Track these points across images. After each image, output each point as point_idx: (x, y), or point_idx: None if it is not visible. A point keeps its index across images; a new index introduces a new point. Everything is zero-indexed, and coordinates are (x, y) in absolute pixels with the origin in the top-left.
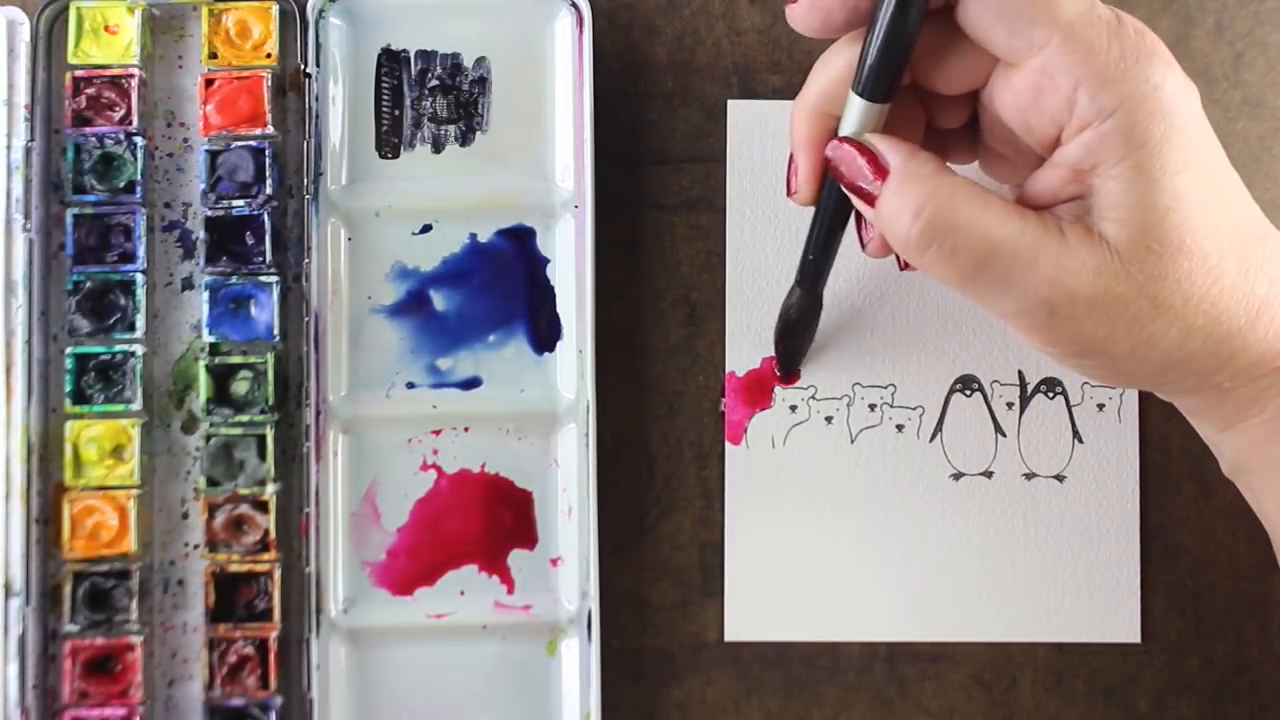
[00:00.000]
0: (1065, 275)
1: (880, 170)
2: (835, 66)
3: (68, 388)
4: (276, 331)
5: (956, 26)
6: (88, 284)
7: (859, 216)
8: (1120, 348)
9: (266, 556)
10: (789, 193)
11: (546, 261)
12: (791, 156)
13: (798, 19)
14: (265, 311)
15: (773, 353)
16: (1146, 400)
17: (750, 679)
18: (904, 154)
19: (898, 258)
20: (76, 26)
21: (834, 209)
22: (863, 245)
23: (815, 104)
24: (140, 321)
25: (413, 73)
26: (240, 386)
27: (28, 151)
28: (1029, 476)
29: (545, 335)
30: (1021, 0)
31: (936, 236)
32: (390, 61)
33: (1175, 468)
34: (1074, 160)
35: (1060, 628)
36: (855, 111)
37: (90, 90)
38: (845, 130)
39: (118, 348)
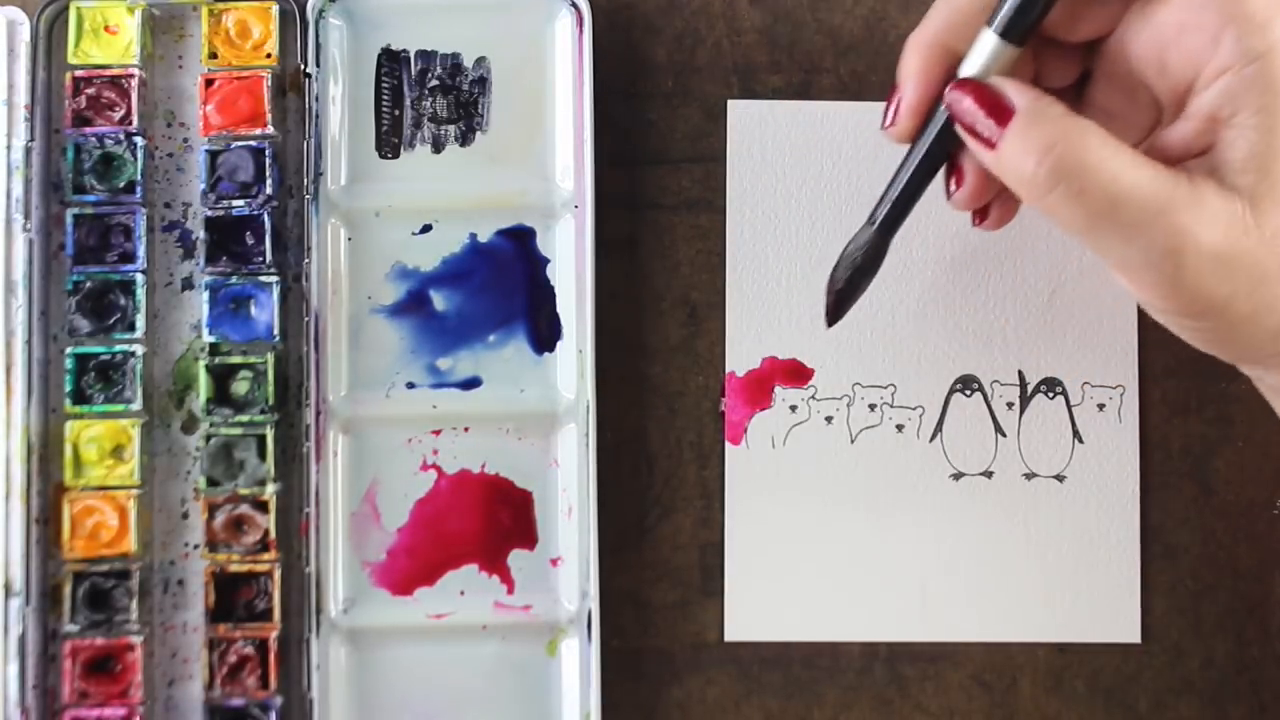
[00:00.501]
0: (1196, 226)
1: (1004, 113)
2: (959, 3)
3: (68, 388)
4: (276, 331)
5: None
6: (88, 284)
7: (951, 165)
8: (1241, 309)
9: (266, 556)
10: (885, 125)
11: (546, 261)
12: (895, 87)
13: None
14: (265, 311)
15: (773, 353)
16: (1146, 400)
17: (750, 679)
18: (1030, 94)
19: (975, 214)
20: (76, 26)
21: (934, 149)
22: (949, 195)
23: (936, 35)
24: (140, 321)
25: (413, 73)
26: (240, 386)
27: (28, 151)
28: (1029, 476)
29: (545, 335)
30: None
31: (1066, 175)
32: (390, 61)
33: (1175, 468)
34: (1210, 108)
35: (1060, 628)
36: (986, 51)
37: (90, 90)
38: (969, 70)
39: (118, 348)
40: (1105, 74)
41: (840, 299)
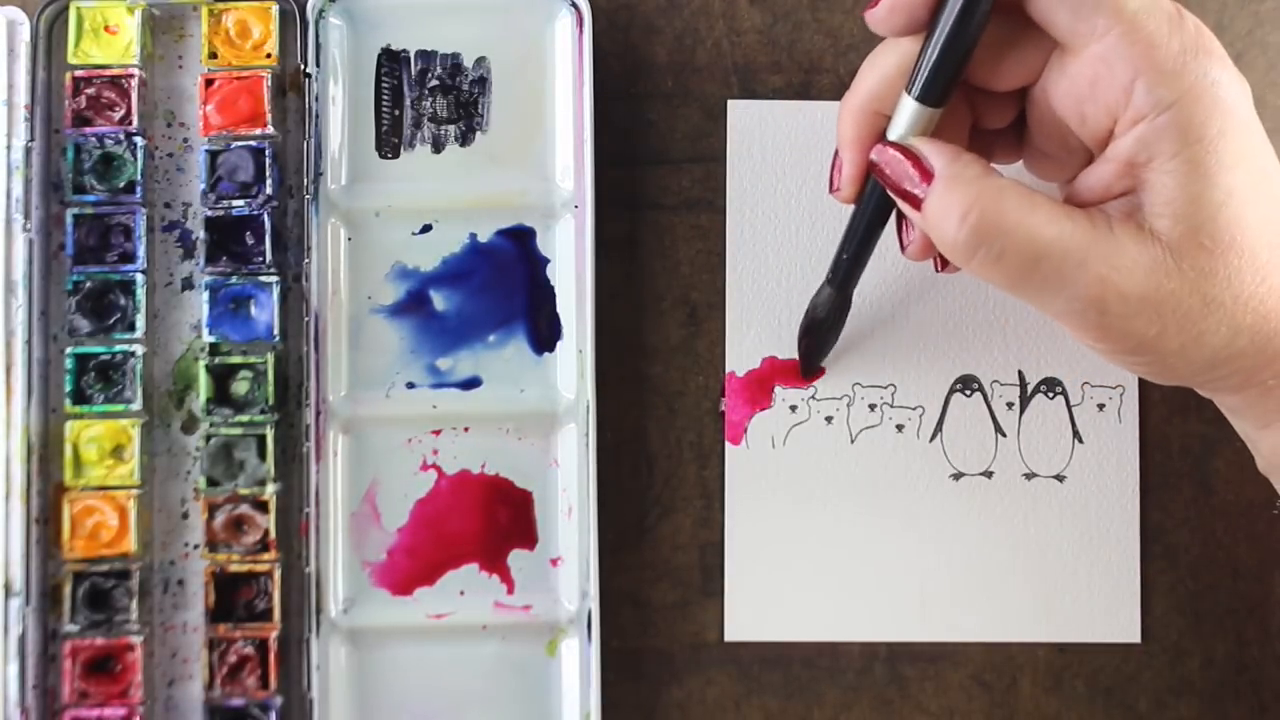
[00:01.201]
0: (1116, 274)
1: (925, 174)
2: (886, 64)
3: (68, 388)
4: (276, 331)
5: (1012, 21)
6: (88, 284)
7: (900, 218)
8: (1170, 345)
9: (266, 556)
10: (831, 189)
11: (546, 261)
12: (836, 153)
13: (878, 22)
14: (265, 311)
15: (773, 353)
16: (1146, 400)
17: (750, 679)
18: (948, 156)
19: (935, 260)
20: (76, 26)
21: (875, 209)
22: (903, 247)
23: (864, 102)
24: (140, 321)
25: (413, 73)
26: (240, 386)
27: (28, 151)
28: (1029, 476)
29: (545, 335)
30: None
31: (984, 239)
32: (390, 61)
33: (1175, 468)
34: (1127, 154)
35: (1060, 628)
36: (906, 114)
37: (90, 90)
38: (894, 133)
39: (118, 348)
40: (1035, 119)
41: (809, 353)
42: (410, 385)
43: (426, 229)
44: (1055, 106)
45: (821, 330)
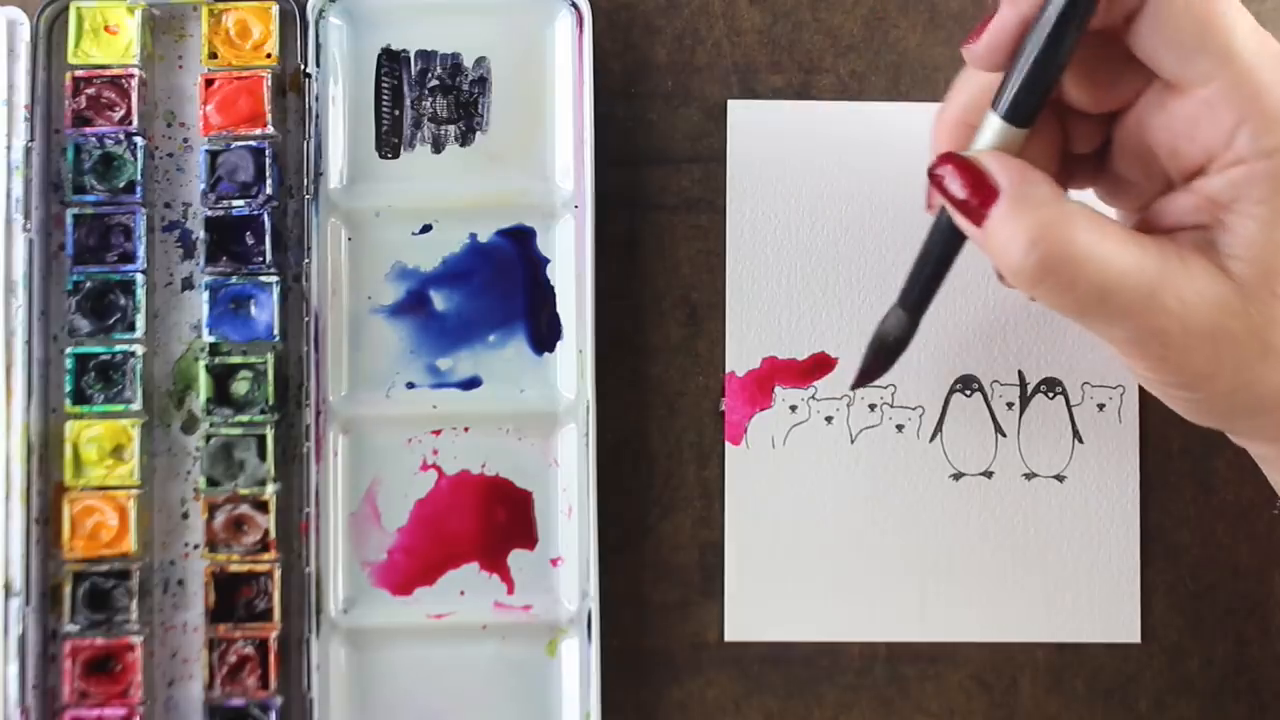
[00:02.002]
0: (1183, 307)
1: (988, 191)
2: (982, 79)
3: (68, 388)
4: (276, 331)
5: (1114, 45)
6: (88, 284)
7: None
8: (1222, 386)
9: (266, 556)
10: (928, 206)
11: (546, 261)
12: (930, 171)
13: (978, 60)
14: (265, 311)
15: (773, 353)
16: (1146, 400)
17: (750, 679)
18: (1016, 174)
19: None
20: (76, 26)
21: (949, 230)
22: (1001, 279)
23: (957, 115)
24: (140, 321)
25: (413, 73)
26: (240, 386)
27: (28, 151)
28: (1029, 476)
29: (545, 335)
30: (1197, 29)
31: (1054, 269)
32: (390, 61)
33: (1175, 468)
34: (1215, 192)
35: (1060, 628)
36: (991, 132)
37: (90, 90)
38: (977, 148)
39: (118, 348)
40: (1122, 144)
41: (872, 373)
42: (410, 385)
43: (426, 229)
44: (1148, 136)
45: (889, 352)
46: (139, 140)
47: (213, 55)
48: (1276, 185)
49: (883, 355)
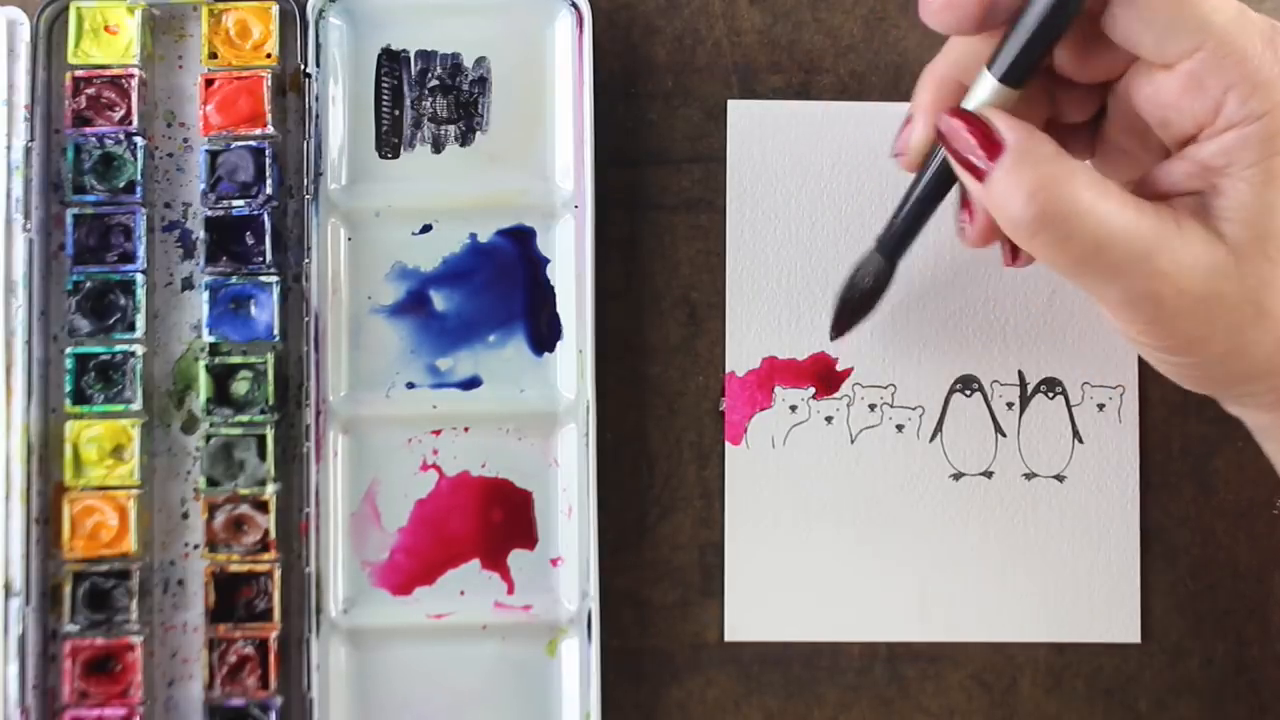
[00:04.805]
0: (1177, 270)
1: (994, 146)
2: (976, 40)
3: (68, 388)
4: (276, 331)
5: (1098, 22)
6: (88, 284)
7: (964, 201)
8: (1215, 350)
9: (266, 556)
10: (894, 153)
11: (546, 261)
12: (907, 118)
13: (931, 15)
14: (265, 311)
15: (773, 353)
16: (1146, 400)
17: (750, 679)
18: (1022, 132)
19: (1005, 251)
20: (76, 26)
21: (936, 181)
22: (960, 232)
23: (947, 70)
24: (140, 321)
25: (413, 73)
26: (240, 386)
27: (28, 151)
28: (1029, 476)
29: (545, 335)
30: (1169, 9)
31: (1051, 221)
32: (390, 61)
33: (1175, 468)
34: (1207, 158)
35: (1060, 628)
36: (984, 90)
37: (90, 90)
38: (970, 104)
39: (118, 348)
40: (1116, 114)
41: (846, 319)
42: (410, 385)
43: (426, 229)
44: (1139, 107)
45: (864, 297)
46: (139, 140)
47: (213, 55)
48: (1267, 148)
49: (855, 299)
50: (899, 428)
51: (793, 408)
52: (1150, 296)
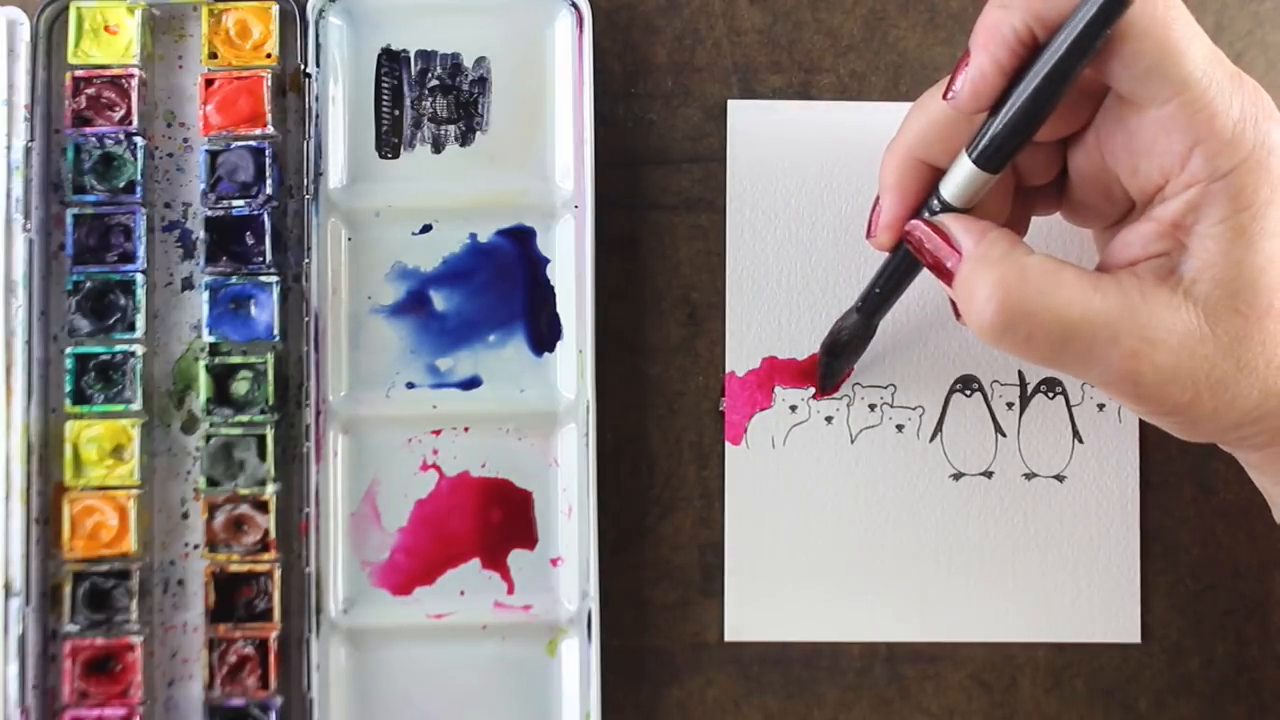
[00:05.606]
0: (1149, 346)
1: (956, 253)
2: (934, 111)
3: (68, 388)
4: (276, 331)
5: None
6: (88, 284)
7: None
8: (1203, 409)
9: (266, 556)
10: (868, 235)
11: (546, 261)
12: (876, 201)
13: (964, 107)
14: (265, 311)
15: (773, 353)
16: None
17: (750, 679)
18: (975, 235)
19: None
20: (76, 26)
21: (910, 262)
22: (958, 316)
23: (910, 148)
24: (140, 321)
25: (413, 73)
26: (240, 386)
27: (28, 151)
28: (1029, 476)
29: (545, 335)
30: (1155, 52)
31: (1010, 322)
32: (390, 61)
33: (1175, 468)
34: (1174, 215)
35: (1060, 628)
36: (963, 175)
37: (90, 90)
38: (947, 190)
39: (118, 348)
40: (1080, 169)
41: (831, 373)
42: (410, 385)
43: (426, 229)
44: (1106, 156)
45: (845, 352)
46: (139, 140)
47: (213, 55)
48: (1233, 205)
49: (837, 354)
50: (899, 428)
51: (793, 408)
52: (1129, 375)
